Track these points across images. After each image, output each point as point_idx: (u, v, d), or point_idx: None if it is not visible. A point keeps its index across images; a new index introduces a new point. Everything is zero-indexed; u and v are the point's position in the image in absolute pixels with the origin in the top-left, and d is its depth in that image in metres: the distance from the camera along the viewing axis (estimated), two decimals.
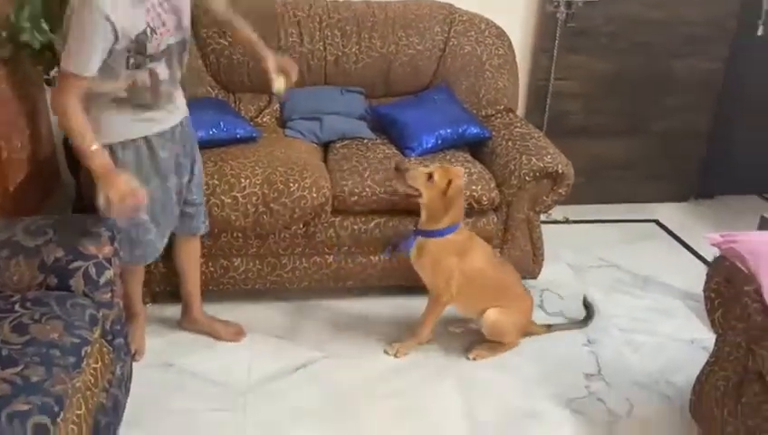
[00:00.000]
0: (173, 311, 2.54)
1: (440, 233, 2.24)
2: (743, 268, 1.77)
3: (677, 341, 2.53)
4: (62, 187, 3.15)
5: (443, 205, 2.20)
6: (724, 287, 1.86)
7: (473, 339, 2.46)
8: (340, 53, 3.01)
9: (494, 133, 2.86)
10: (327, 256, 2.61)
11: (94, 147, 1.74)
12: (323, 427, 2.06)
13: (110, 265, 1.75)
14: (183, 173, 2.10)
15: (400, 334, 2.46)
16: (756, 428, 1.69)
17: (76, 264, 1.71)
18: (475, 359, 2.38)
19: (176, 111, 2.02)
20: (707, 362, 1.95)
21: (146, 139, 1.93)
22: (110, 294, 1.75)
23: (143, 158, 1.94)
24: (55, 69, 2.64)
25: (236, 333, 2.45)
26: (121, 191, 1.71)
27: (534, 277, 2.78)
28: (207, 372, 2.27)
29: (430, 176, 2.20)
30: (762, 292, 1.70)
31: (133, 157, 1.92)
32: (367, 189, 2.51)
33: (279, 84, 2.08)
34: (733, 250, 1.81)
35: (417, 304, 2.46)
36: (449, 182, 2.18)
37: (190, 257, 2.37)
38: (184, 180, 2.11)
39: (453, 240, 2.25)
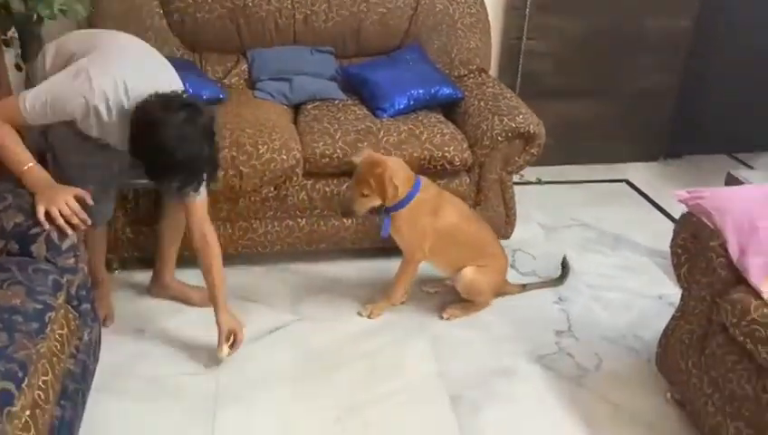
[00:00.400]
0: (142, 277, 2.51)
1: (406, 201, 2.22)
2: (708, 224, 1.80)
3: (645, 297, 2.58)
4: None
5: (391, 191, 2.17)
6: (691, 243, 1.89)
7: (446, 299, 2.47)
8: (308, 12, 2.94)
9: (466, 94, 2.84)
10: (299, 220, 2.58)
11: (26, 166, 1.75)
12: (297, 388, 2.06)
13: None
14: None
15: (374, 296, 2.47)
16: (719, 377, 1.74)
17: (37, 229, 1.66)
18: (448, 319, 2.39)
19: None
20: (673, 317, 1.99)
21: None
22: (73, 260, 1.71)
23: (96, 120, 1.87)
24: (12, 29, 2.53)
25: (207, 297, 2.43)
26: (61, 203, 1.69)
27: (507, 238, 2.80)
28: (179, 337, 2.25)
29: (364, 194, 2.19)
30: (727, 247, 1.73)
31: (88, 122, 1.85)
32: (338, 151, 2.48)
33: (223, 353, 2.09)
34: (699, 206, 1.83)
35: (390, 266, 2.47)
36: (374, 182, 2.15)
37: (178, 223, 2.30)
38: None
39: (421, 200, 2.24)
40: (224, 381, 2.07)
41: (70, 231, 1.70)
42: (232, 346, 2.11)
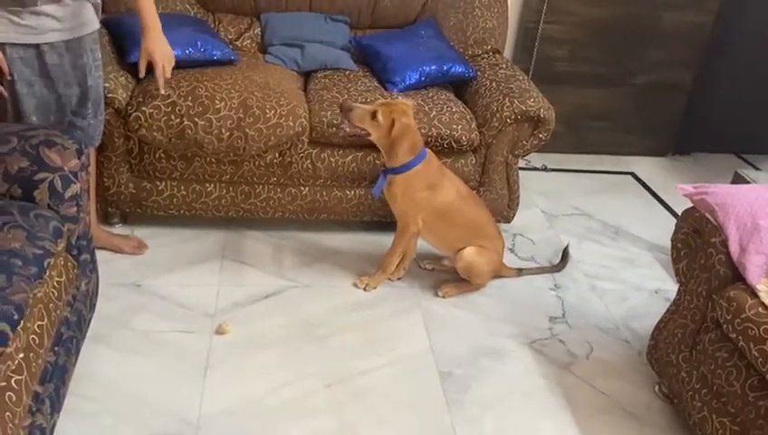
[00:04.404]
0: (142, 232, 2.54)
1: (406, 168, 2.22)
2: (711, 220, 1.79)
3: (642, 290, 2.58)
4: None
5: (391, 143, 2.17)
6: (692, 238, 1.89)
7: (443, 277, 2.48)
8: None
9: (478, 73, 2.82)
10: (302, 188, 2.58)
11: None
12: (288, 353, 2.08)
13: (77, 179, 1.70)
14: (71, 84, 1.97)
15: (372, 269, 2.47)
16: (709, 373, 1.75)
17: (41, 175, 1.65)
18: (443, 296, 2.40)
19: (69, 27, 1.90)
20: (668, 310, 2.00)
21: (35, 46, 1.84)
22: (75, 209, 1.70)
23: (30, 59, 1.85)
24: None
25: (138, 246, 2.46)
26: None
27: (508, 222, 2.80)
28: (175, 294, 2.26)
29: (374, 115, 2.16)
30: (727, 244, 1.73)
31: (19, 57, 1.83)
32: (346, 122, 2.46)
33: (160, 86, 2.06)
34: (703, 201, 1.82)
35: (390, 241, 2.46)
36: (393, 121, 2.14)
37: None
38: (74, 91, 1.98)
39: (421, 172, 2.24)
40: (216, 341, 2.09)
41: None
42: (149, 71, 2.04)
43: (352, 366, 2.05)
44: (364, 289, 2.39)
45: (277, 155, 2.47)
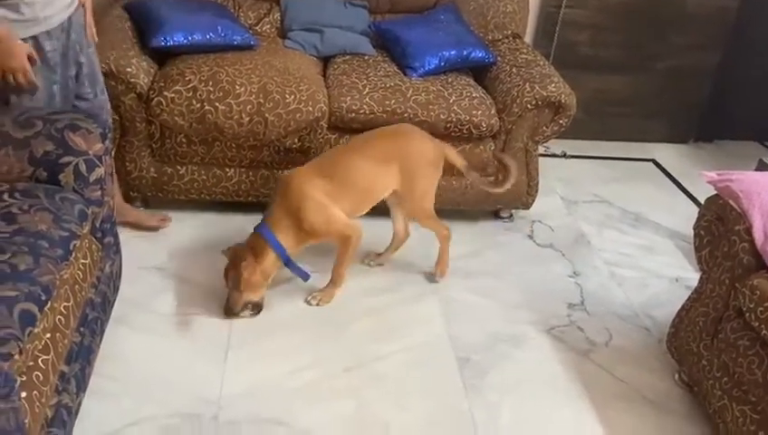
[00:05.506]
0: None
1: (281, 251, 2.11)
2: (735, 207, 1.77)
3: (662, 278, 2.56)
4: None
5: (257, 274, 2.09)
6: (715, 225, 1.87)
7: (456, 265, 2.47)
8: None
9: (498, 58, 2.79)
10: None
11: None
12: (307, 338, 2.10)
13: (101, 162, 1.73)
14: (69, 65, 1.92)
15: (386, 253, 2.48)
16: (730, 362, 1.74)
17: (66, 159, 1.68)
18: (442, 276, 2.38)
19: (61, 7, 1.83)
20: (689, 298, 1.98)
21: (33, 37, 1.77)
22: (100, 193, 1.73)
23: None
24: None
25: (162, 219, 2.51)
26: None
27: (527, 208, 2.79)
28: (196, 277, 2.29)
29: (239, 290, 2.08)
30: (752, 231, 1.71)
31: None
32: (365, 107, 2.46)
33: None
34: (727, 189, 1.80)
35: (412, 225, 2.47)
36: (238, 273, 2.06)
37: None
38: (70, 72, 1.93)
39: (290, 234, 2.11)
40: (237, 325, 2.11)
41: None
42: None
43: (370, 351, 2.06)
44: (317, 305, 2.24)
45: (296, 140, 2.47)
